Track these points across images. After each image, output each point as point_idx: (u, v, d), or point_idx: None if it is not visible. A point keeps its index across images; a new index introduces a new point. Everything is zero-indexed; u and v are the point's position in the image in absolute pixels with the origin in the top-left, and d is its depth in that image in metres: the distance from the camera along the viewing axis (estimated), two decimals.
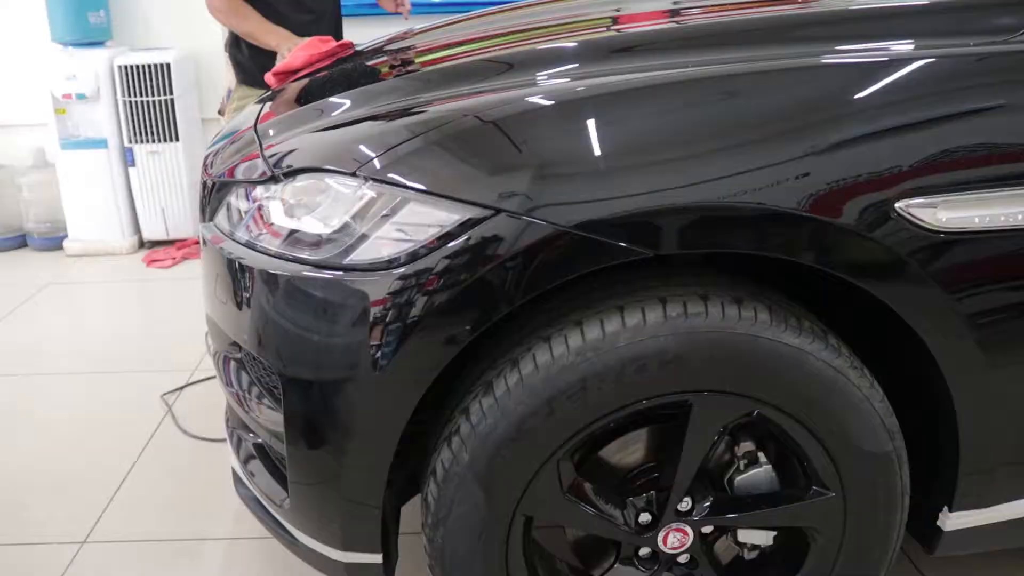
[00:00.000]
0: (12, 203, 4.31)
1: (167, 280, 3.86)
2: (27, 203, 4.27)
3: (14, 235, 4.36)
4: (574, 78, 1.33)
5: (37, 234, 4.31)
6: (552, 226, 1.15)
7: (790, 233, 1.21)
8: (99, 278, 3.95)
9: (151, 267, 4.00)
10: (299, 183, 1.31)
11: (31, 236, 4.33)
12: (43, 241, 4.30)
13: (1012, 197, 1.22)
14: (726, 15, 1.64)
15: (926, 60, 1.26)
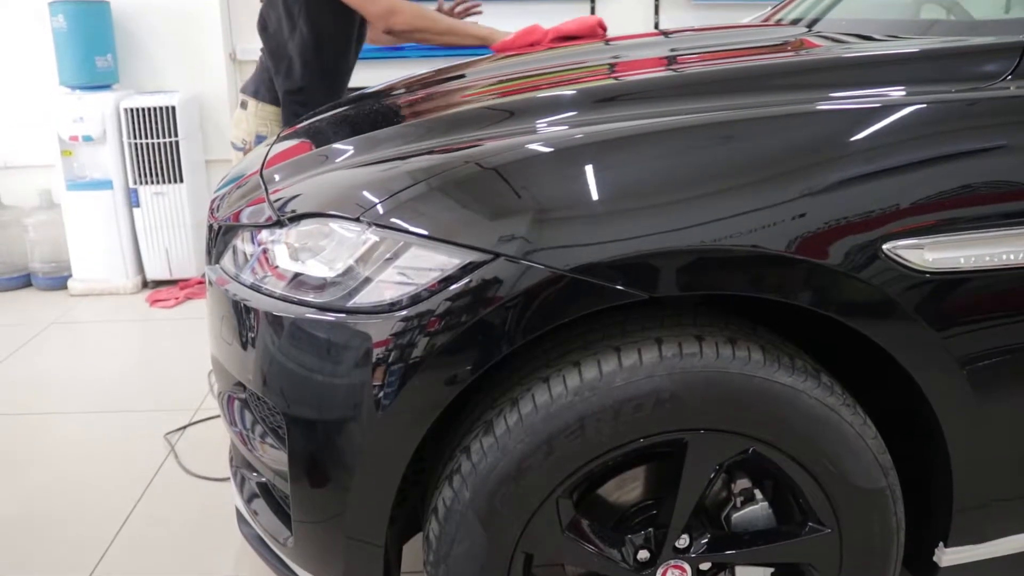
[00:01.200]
0: (18, 243, 4.36)
1: (170, 320, 3.89)
2: (32, 243, 4.32)
3: (19, 274, 4.40)
4: (573, 125, 1.37)
5: (42, 274, 4.35)
6: (549, 270, 1.18)
7: (781, 275, 1.24)
8: (102, 317, 3.98)
9: (154, 307, 4.03)
10: (304, 227, 1.35)
11: (36, 276, 4.37)
12: (47, 281, 4.34)
13: (996, 238, 1.25)
14: (719, 64, 1.68)
15: (910, 106, 1.30)
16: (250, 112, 2.71)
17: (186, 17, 4.28)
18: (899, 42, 1.62)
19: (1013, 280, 1.28)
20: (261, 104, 2.68)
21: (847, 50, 1.65)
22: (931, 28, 1.79)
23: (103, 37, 4.12)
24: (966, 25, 1.89)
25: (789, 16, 2.19)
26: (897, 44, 1.60)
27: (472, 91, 1.78)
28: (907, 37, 1.65)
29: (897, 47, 1.58)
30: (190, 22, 4.29)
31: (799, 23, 2.06)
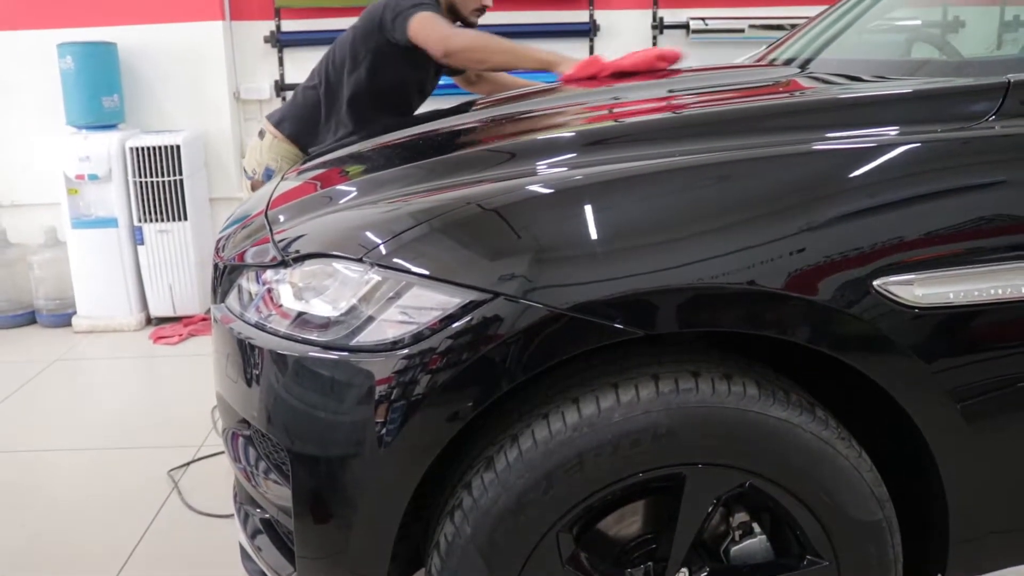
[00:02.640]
0: (23, 280, 4.40)
1: (174, 356, 3.92)
2: (38, 280, 4.36)
3: (23, 312, 4.44)
4: (572, 167, 1.40)
5: (46, 311, 4.38)
6: (548, 308, 1.21)
7: (774, 311, 1.27)
8: (106, 354, 4.01)
9: (158, 343, 4.06)
10: (308, 267, 1.38)
11: (40, 313, 4.41)
12: (52, 318, 4.37)
13: (985, 273, 1.28)
14: (715, 105, 1.73)
15: (897, 146, 1.33)
16: (265, 144, 2.77)
17: (191, 57, 4.36)
18: (886, 83, 1.66)
19: (1002, 314, 1.30)
20: (277, 140, 2.73)
21: (835, 92, 1.69)
22: (919, 69, 1.83)
23: (110, 78, 4.19)
24: (952, 66, 1.93)
25: (783, 56, 2.24)
26: (884, 85, 1.64)
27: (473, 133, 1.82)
28: (895, 78, 1.69)
29: (884, 88, 1.62)
30: (195, 62, 4.36)
31: (792, 63, 2.11)
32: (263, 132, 2.80)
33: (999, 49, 3.34)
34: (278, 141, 2.74)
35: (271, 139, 2.74)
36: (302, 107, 2.77)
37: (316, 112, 2.74)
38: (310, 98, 2.76)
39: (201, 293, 4.30)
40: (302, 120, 2.75)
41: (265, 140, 2.77)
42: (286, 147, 2.73)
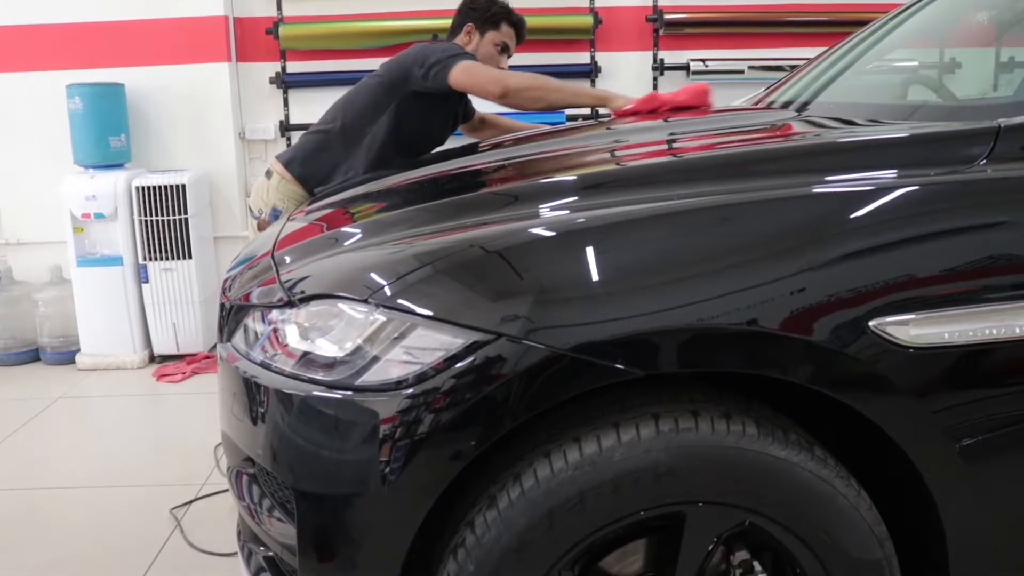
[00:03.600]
0: (28, 318, 4.43)
1: (177, 394, 3.93)
2: (42, 318, 4.38)
3: (27, 349, 4.46)
4: (574, 210, 1.44)
5: (50, 348, 4.40)
6: (550, 349, 1.23)
7: (772, 352, 1.29)
8: (110, 392, 4.02)
9: (161, 381, 4.07)
10: (313, 308, 1.40)
11: (44, 350, 4.43)
12: (56, 355, 4.39)
13: (979, 313, 1.30)
14: (715, 149, 1.76)
15: (892, 190, 1.36)
16: (272, 184, 2.81)
17: (198, 98, 4.42)
18: (881, 128, 1.69)
19: (998, 354, 1.32)
20: (285, 180, 2.78)
21: (830, 137, 1.72)
22: (914, 113, 1.87)
23: (117, 118, 4.25)
24: (945, 109, 1.97)
25: (781, 99, 2.28)
26: (879, 130, 1.68)
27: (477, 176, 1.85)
28: (890, 122, 1.73)
29: (879, 133, 1.65)
30: (201, 103, 4.42)
31: (789, 106, 2.15)
32: (270, 172, 2.84)
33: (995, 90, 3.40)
34: (285, 182, 2.78)
35: (278, 179, 2.79)
36: (312, 149, 2.82)
37: (327, 155, 2.79)
38: (321, 141, 2.81)
39: (205, 331, 4.33)
40: (311, 162, 2.79)
41: (272, 180, 2.81)
42: (293, 188, 2.77)
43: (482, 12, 2.94)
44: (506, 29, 2.95)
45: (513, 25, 2.97)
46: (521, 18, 3.00)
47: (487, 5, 2.96)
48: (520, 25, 2.99)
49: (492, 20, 2.93)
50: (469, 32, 2.93)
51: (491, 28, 2.93)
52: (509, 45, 2.97)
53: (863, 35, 2.47)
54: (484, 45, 2.92)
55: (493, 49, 2.93)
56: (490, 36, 2.93)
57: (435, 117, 2.84)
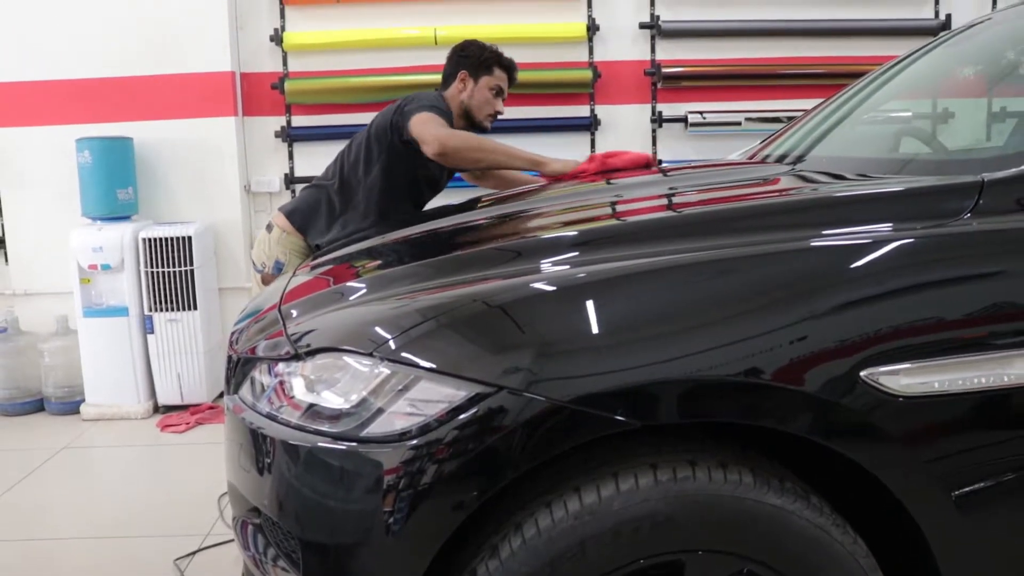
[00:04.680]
0: (33, 368, 4.45)
1: (180, 445, 3.94)
2: (47, 368, 4.41)
3: (32, 399, 4.48)
4: (574, 265, 1.49)
5: (55, 398, 4.42)
6: (550, 401, 1.27)
7: (767, 403, 1.32)
8: (113, 442, 4.03)
9: (165, 432, 4.09)
10: (319, 361, 1.44)
11: (49, 400, 4.45)
12: (60, 405, 4.41)
13: (968, 363, 1.34)
14: (708, 205, 1.81)
15: (880, 244, 1.41)
16: (273, 237, 2.86)
17: (204, 151, 4.49)
18: (870, 182, 1.74)
19: (988, 403, 1.35)
20: (286, 233, 2.83)
21: (821, 192, 1.77)
22: (903, 167, 1.92)
23: (125, 171, 4.32)
24: (933, 164, 2.02)
25: (775, 152, 2.34)
26: (868, 185, 1.73)
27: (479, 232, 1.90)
28: (879, 177, 1.78)
29: (868, 188, 1.70)
30: (208, 156, 4.50)
31: (783, 160, 2.21)
32: (271, 226, 2.90)
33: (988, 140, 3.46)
34: (287, 234, 2.83)
35: (279, 232, 2.84)
36: (312, 202, 2.89)
37: (326, 207, 2.86)
38: (320, 194, 2.88)
39: (209, 382, 4.35)
40: (312, 214, 2.86)
41: (273, 234, 2.86)
42: (295, 240, 2.83)
43: (474, 59, 3.02)
44: (499, 73, 3.02)
45: (505, 68, 3.04)
46: (511, 61, 3.07)
47: (478, 51, 3.03)
48: (511, 68, 3.06)
49: (484, 65, 3.00)
50: (463, 79, 3.00)
51: (484, 73, 3.00)
52: (503, 88, 3.04)
53: (858, 87, 2.54)
54: (479, 91, 2.98)
55: (488, 94, 3.00)
56: (484, 81, 2.99)
57: (424, 166, 2.86)
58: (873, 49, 4.50)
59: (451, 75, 3.04)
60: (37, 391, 4.48)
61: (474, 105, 2.99)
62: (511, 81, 3.08)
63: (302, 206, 2.91)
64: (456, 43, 3.14)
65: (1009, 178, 1.48)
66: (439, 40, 4.44)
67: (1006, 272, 1.40)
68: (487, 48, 3.05)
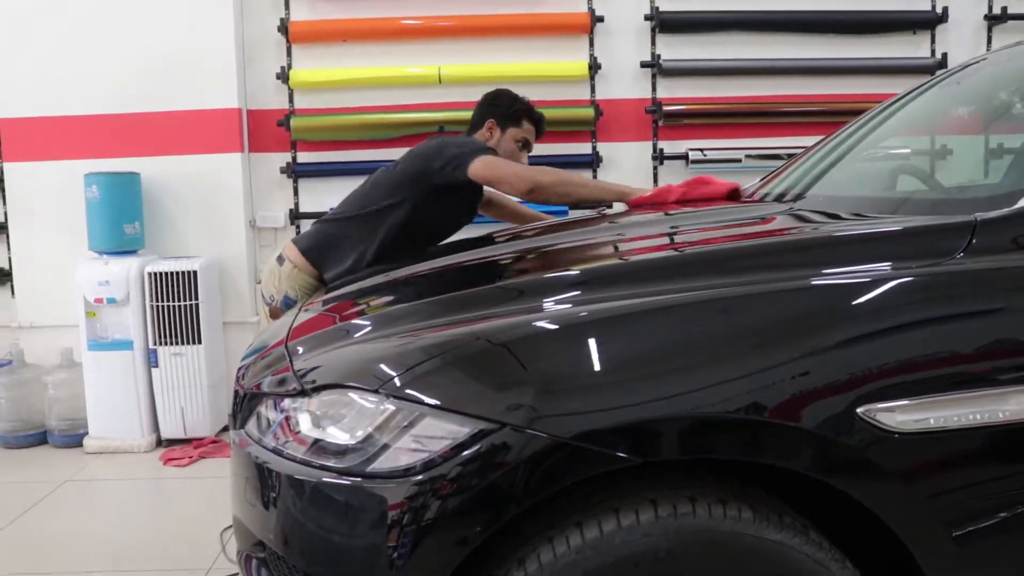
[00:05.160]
0: (37, 401, 4.47)
1: (183, 479, 3.95)
2: (51, 401, 4.43)
3: (35, 432, 4.48)
4: (576, 304, 1.52)
5: (58, 431, 4.43)
6: (552, 437, 1.29)
7: (766, 439, 1.35)
8: (116, 476, 4.04)
9: (168, 465, 4.09)
10: (325, 397, 1.47)
11: (52, 433, 4.46)
12: (63, 438, 4.42)
13: (961, 399, 1.36)
14: (708, 244, 1.85)
15: (875, 283, 1.44)
16: (284, 272, 2.87)
17: (210, 187, 4.54)
18: (867, 222, 1.78)
19: (982, 439, 1.38)
20: (297, 270, 2.84)
21: (819, 232, 1.80)
22: (899, 207, 1.96)
23: (132, 206, 4.37)
24: (928, 203, 2.06)
25: (775, 191, 2.38)
26: (865, 224, 1.76)
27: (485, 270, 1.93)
28: (876, 216, 1.81)
29: (865, 228, 1.74)
30: (214, 191, 4.54)
31: (782, 198, 2.24)
32: (283, 258, 2.90)
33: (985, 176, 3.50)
34: (298, 271, 2.85)
35: (291, 267, 2.86)
36: (330, 237, 2.89)
37: (344, 243, 2.86)
38: (339, 230, 2.89)
39: (212, 416, 4.36)
40: (329, 250, 2.87)
41: (284, 267, 2.87)
42: (305, 278, 2.84)
43: (504, 108, 3.05)
44: (527, 126, 3.05)
45: (534, 122, 3.07)
46: (541, 115, 3.10)
47: (509, 102, 3.07)
48: (540, 121, 3.09)
49: (514, 117, 3.04)
50: (490, 128, 3.03)
51: (512, 125, 3.03)
52: (530, 140, 3.07)
53: (857, 125, 2.58)
54: (505, 141, 3.01)
55: (514, 145, 3.02)
56: (511, 132, 3.02)
57: (452, 209, 2.91)
58: (871, 87, 4.56)
59: (479, 122, 3.08)
60: (40, 424, 4.50)
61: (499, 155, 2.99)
62: (539, 134, 3.11)
63: (319, 242, 2.91)
64: (489, 91, 3.18)
65: (1001, 218, 1.51)
66: (443, 78, 4.51)
67: (1000, 310, 1.43)
68: (518, 100, 3.08)
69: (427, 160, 2.80)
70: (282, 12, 4.58)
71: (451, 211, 2.92)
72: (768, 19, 4.62)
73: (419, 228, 2.83)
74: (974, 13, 4.68)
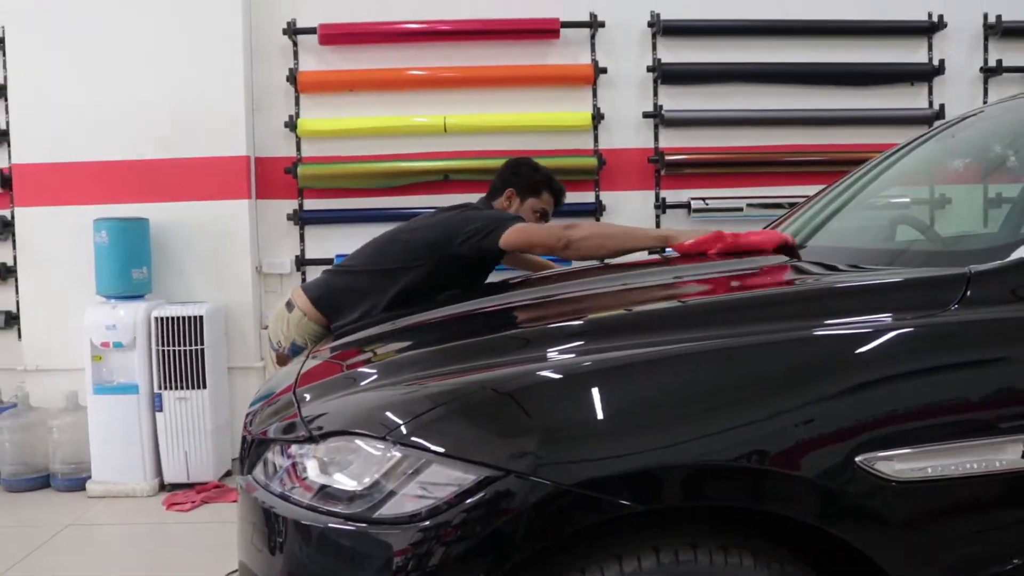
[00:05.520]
0: (41, 444, 4.47)
1: (185, 524, 3.94)
2: (55, 444, 4.42)
3: (38, 475, 4.47)
4: (580, 353, 1.55)
5: (61, 475, 4.43)
6: (556, 485, 1.32)
7: (767, 487, 1.37)
8: (118, 520, 4.03)
9: (170, 510, 4.08)
10: (332, 443, 1.49)
11: (55, 477, 4.45)
12: (66, 482, 4.41)
13: (958, 449, 1.38)
14: (709, 295, 1.89)
15: (873, 333, 1.47)
16: (293, 319, 2.89)
17: (218, 233, 4.59)
18: (866, 274, 1.81)
19: (979, 488, 1.39)
20: (306, 319, 2.86)
21: (818, 284, 1.85)
22: (897, 258, 1.99)
23: (141, 251, 4.41)
24: (923, 255, 2.10)
25: None
26: (864, 276, 1.80)
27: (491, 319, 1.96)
28: (874, 268, 1.85)
29: (863, 280, 1.77)
30: (221, 237, 4.59)
31: None
32: (292, 305, 2.90)
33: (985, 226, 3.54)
34: (307, 319, 2.87)
35: (300, 315, 2.88)
36: (343, 289, 2.90)
37: (355, 296, 2.86)
38: (352, 283, 2.90)
39: (216, 460, 4.36)
40: (341, 302, 2.87)
41: (294, 315, 2.89)
42: (313, 326, 2.86)
43: (525, 179, 3.08)
44: (547, 197, 3.08)
45: (554, 193, 3.10)
46: (561, 187, 3.12)
47: (530, 173, 3.10)
48: (560, 193, 3.12)
49: (533, 188, 3.06)
50: (510, 196, 3.05)
51: (532, 195, 3.06)
52: (548, 211, 3.10)
53: (856, 176, 2.63)
54: (523, 211, 3.02)
55: (532, 216, 3.04)
56: (530, 203, 3.05)
57: (469, 273, 2.88)
58: (871, 137, 4.64)
59: (499, 189, 3.10)
60: (44, 467, 4.49)
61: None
62: (557, 204, 3.13)
63: (329, 292, 2.91)
64: (511, 159, 3.22)
65: (995, 270, 1.55)
66: (448, 128, 4.58)
67: (994, 360, 1.46)
68: (539, 171, 3.11)
69: (451, 231, 2.80)
70: (291, 62, 4.67)
71: (467, 276, 2.90)
72: (769, 71, 4.70)
73: (431, 290, 2.82)
74: (970, 65, 4.77)
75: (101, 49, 4.56)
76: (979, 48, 4.76)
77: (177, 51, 4.55)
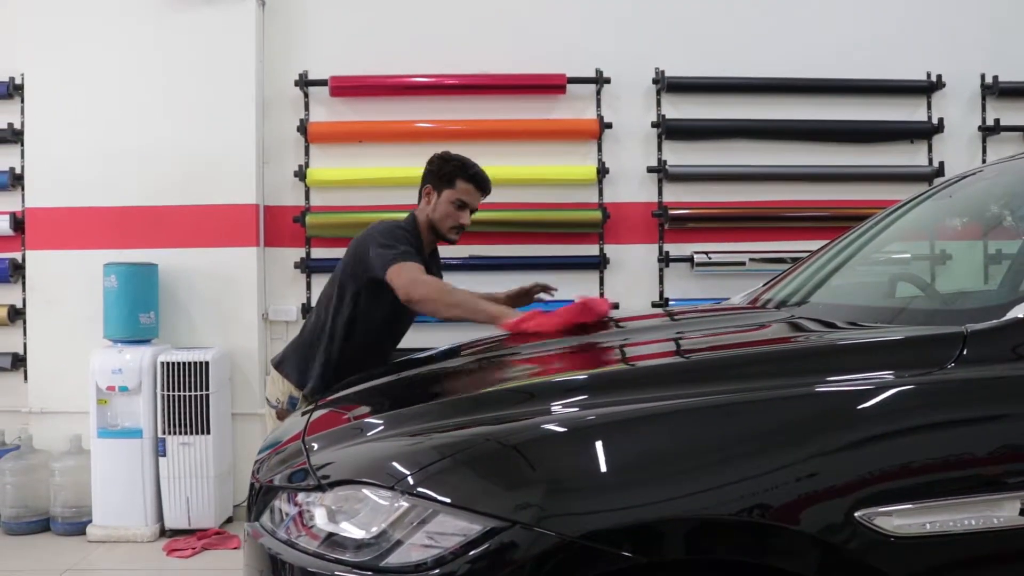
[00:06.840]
0: (43, 487, 4.46)
1: (185, 570, 3.93)
2: (57, 487, 4.43)
3: (38, 519, 4.47)
4: (584, 408, 1.58)
5: (62, 519, 4.42)
6: (560, 536, 1.34)
7: (768, 541, 1.39)
8: (118, 566, 4.01)
9: (171, 556, 4.07)
10: (340, 492, 1.52)
11: (55, 520, 4.44)
12: (67, 526, 4.41)
13: (955, 505, 1.41)
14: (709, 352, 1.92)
15: (871, 391, 1.50)
16: (275, 378, 2.95)
17: (225, 279, 4.64)
18: (865, 332, 1.85)
19: (977, 544, 1.41)
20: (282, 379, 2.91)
21: (816, 341, 1.88)
22: (895, 317, 2.03)
23: (149, 296, 4.46)
24: (922, 314, 2.13)
25: (776, 297, 2.46)
26: (862, 335, 1.83)
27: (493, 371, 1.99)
28: (873, 326, 1.88)
29: (861, 338, 1.81)
30: (228, 284, 4.64)
31: (782, 306, 2.32)
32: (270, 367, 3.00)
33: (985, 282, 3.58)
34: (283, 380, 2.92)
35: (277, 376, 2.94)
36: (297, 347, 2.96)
37: (309, 351, 2.89)
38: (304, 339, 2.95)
39: (217, 507, 4.36)
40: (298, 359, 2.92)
41: (272, 375, 2.97)
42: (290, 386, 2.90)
43: (435, 172, 2.95)
44: (461, 185, 2.92)
45: (469, 179, 2.94)
46: (478, 172, 2.96)
47: (439, 164, 2.96)
48: (477, 179, 2.95)
49: (446, 179, 2.92)
50: (427, 193, 2.95)
51: (446, 186, 2.91)
52: (467, 201, 2.93)
53: (857, 233, 2.67)
54: (441, 204, 2.91)
55: (450, 207, 2.91)
56: (446, 194, 2.91)
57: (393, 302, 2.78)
58: (871, 193, 4.71)
59: (420, 189, 3.01)
60: (44, 510, 4.49)
61: (436, 219, 2.93)
62: (482, 192, 2.99)
63: (287, 352, 2.98)
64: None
65: (991, 329, 1.58)
66: None
67: (990, 418, 1.49)
68: (450, 161, 2.98)
69: (363, 254, 2.79)
70: (302, 113, 4.76)
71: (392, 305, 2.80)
72: (771, 127, 4.79)
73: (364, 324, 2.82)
74: (968, 124, 4.86)
75: (116, 98, 4.66)
76: (977, 107, 4.86)
77: (190, 101, 4.65)
